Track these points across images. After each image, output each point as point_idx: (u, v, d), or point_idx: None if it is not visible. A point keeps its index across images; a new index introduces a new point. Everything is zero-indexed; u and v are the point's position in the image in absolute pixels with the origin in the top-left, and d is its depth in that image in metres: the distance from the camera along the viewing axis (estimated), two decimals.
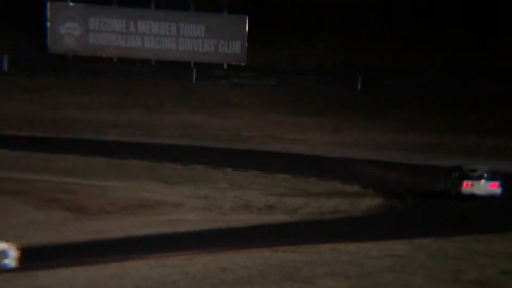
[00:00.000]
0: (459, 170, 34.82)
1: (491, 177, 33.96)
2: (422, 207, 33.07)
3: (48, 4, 64.59)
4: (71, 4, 65.06)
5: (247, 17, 65.30)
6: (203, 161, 41.20)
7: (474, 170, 34.59)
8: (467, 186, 33.46)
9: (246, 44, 65.74)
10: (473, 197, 33.27)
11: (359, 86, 64.45)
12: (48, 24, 65.01)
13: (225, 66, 66.37)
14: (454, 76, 64.30)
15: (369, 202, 33.74)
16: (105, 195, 32.70)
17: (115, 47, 65.23)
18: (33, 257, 23.16)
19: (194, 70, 65.51)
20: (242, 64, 66.07)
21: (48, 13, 64.89)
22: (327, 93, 63.52)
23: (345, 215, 31.31)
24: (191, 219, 29.85)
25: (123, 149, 44.69)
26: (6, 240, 22.62)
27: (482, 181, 33.74)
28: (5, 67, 63.50)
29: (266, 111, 60.19)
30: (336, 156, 46.20)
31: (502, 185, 33.76)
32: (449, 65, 65.81)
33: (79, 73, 64.00)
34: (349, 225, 29.64)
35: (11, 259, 22.02)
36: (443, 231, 26.80)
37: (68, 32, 65.28)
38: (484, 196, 33.38)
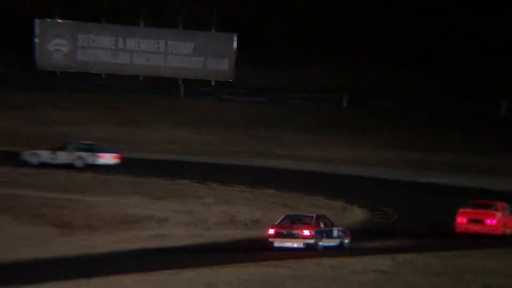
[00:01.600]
0: None
1: None
2: (405, 222, 33.22)
3: (37, 21, 64.77)
4: (60, 21, 65.28)
5: (235, 35, 65.66)
6: (189, 176, 41.29)
7: None
8: None
9: (234, 62, 66.04)
10: None
11: (345, 104, 64.84)
12: (37, 40, 65.18)
13: (212, 82, 66.62)
14: (439, 96, 64.91)
15: (354, 218, 33.89)
16: (91, 211, 32.74)
17: (103, 64, 65.44)
18: (18, 272, 23.17)
19: (182, 86, 65.73)
20: (230, 80, 66.35)
21: (37, 30, 65.07)
22: (315, 111, 63.86)
23: None
24: (176, 234, 29.91)
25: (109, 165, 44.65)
26: None
27: None
28: None
29: (254, 127, 60.43)
30: (322, 171, 46.38)
31: None
32: (434, 86, 66.35)
33: (67, 89, 64.11)
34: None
35: None
36: (427, 246, 26.94)
37: (56, 48, 65.44)
38: None
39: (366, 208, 36.06)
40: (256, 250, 27.20)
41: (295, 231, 26.27)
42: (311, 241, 26.27)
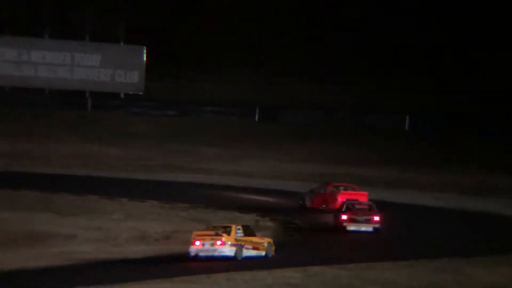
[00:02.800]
0: None
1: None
2: (319, 235, 33.18)
3: None
4: None
5: (144, 48, 65.05)
6: (98, 191, 40.47)
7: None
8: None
9: (144, 74, 65.37)
10: None
11: (256, 118, 64.96)
12: None
13: (122, 95, 65.74)
14: (347, 109, 65.74)
15: (266, 231, 33.66)
16: None
17: (7, 76, 63.88)
18: None
19: (89, 99, 64.69)
20: (140, 93, 65.60)
21: None
22: (227, 124, 63.73)
23: None
24: (85, 251, 29.16)
25: (16, 180, 43.55)
26: None
27: None
28: None
29: (165, 141, 59.83)
30: (235, 185, 46.14)
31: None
32: (343, 99, 67.11)
33: None
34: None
35: None
36: (337, 259, 26.92)
37: None
38: None
39: (277, 221, 35.88)
40: (168, 265, 26.67)
41: (366, 217, 31.94)
42: (379, 225, 31.84)
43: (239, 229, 26.98)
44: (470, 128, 63.28)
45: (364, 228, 31.92)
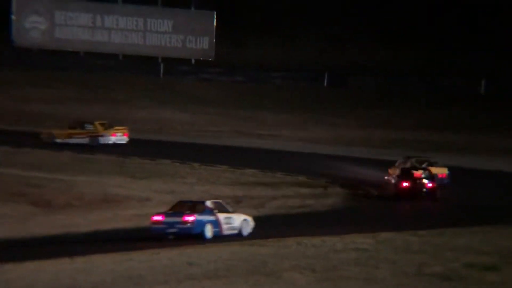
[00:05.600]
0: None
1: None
2: (385, 202, 33.32)
3: None
4: None
5: (215, 13, 65.30)
6: (171, 156, 41.14)
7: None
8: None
9: (214, 40, 65.74)
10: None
11: (325, 83, 64.76)
12: (13, 17, 64.55)
13: (193, 61, 66.30)
14: (419, 74, 64.99)
15: (335, 197, 33.93)
16: (71, 190, 32.57)
17: (81, 42, 64.92)
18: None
19: (162, 65, 65.39)
20: (210, 59, 66.05)
21: (14, 6, 64.42)
22: (295, 90, 63.77)
23: (311, 210, 31.47)
24: None
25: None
26: None
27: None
28: None
29: (234, 106, 60.26)
30: (303, 151, 46.39)
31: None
32: (414, 64, 66.42)
33: (45, 67, 63.59)
34: (315, 219, 29.79)
35: None
36: (407, 225, 27.08)
37: (33, 26, 64.86)
38: None
39: (347, 188, 36.08)
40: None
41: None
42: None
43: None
44: None
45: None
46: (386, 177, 35.20)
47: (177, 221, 24.87)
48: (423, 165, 34.95)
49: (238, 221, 25.83)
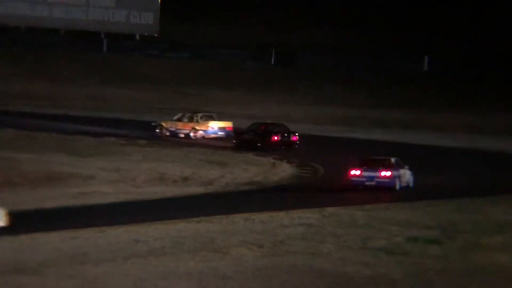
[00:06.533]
0: None
1: None
2: (332, 177, 33.44)
3: None
4: None
5: None
6: (116, 133, 40.70)
7: None
8: None
9: (159, 15, 65.15)
10: None
11: (272, 62, 64.77)
12: None
13: (137, 37, 65.67)
14: (363, 53, 65.44)
15: (282, 173, 33.93)
16: (14, 167, 32.01)
17: (22, 17, 63.82)
18: None
19: (105, 41, 64.64)
20: (155, 35, 65.49)
21: None
22: (242, 67, 63.62)
23: (259, 186, 31.43)
24: (104, 192, 29.48)
25: (33, 121, 43.82)
26: None
27: None
28: None
29: (180, 84, 59.91)
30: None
31: None
32: (359, 43, 66.79)
33: None
34: (263, 195, 29.76)
35: None
36: (352, 200, 27.23)
37: None
38: None
39: (294, 164, 36.13)
40: (186, 207, 27.00)
41: None
42: None
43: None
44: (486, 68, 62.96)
45: None
46: (158, 130, 40.68)
47: (375, 176, 28.94)
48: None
49: (407, 175, 29.64)
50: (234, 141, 40.53)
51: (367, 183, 28.91)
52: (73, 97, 52.47)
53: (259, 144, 39.41)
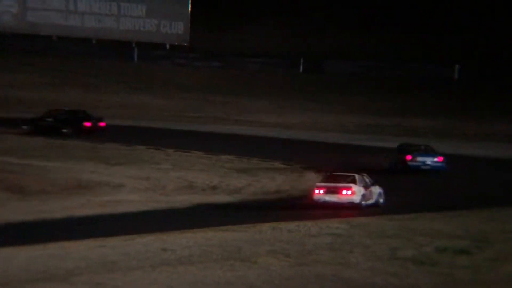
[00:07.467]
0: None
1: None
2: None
3: None
4: None
5: None
6: (145, 142, 40.94)
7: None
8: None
9: (189, 25, 65.45)
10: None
11: (301, 69, 64.80)
12: None
13: (167, 46, 65.99)
14: (393, 59, 65.26)
15: (310, 182, 33.91)
16: (45, 176, 32.30)
17: (54, 26, 64.39)
18: None
19: (136, 49, 65.04)
20: (185, 44, 65.77)
21: None
22: (271, 75, 63.73)
23: (286, 195, 31.44)
24: (133, 200, 29.65)
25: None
26: None
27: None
28: None
29: (210, 92, 60.09)
30: (279, 137, 46.34)
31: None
32: (388, 49, 66.64)
33: (17, 51, 63.03)
34: (290, 204, 29.76)
35: None
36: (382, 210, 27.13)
37: (5, 9, 64.27)
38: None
39: (322, 173, 36.07)
40: (213, 215, 27.08)
41: None
42: None
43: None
44: None
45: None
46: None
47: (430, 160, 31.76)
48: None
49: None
50: (24, 127, 40.71)
51: (422, 167, 30.33)
52: (104, 105, 52.80)
53: (64, 130, 40.17)
